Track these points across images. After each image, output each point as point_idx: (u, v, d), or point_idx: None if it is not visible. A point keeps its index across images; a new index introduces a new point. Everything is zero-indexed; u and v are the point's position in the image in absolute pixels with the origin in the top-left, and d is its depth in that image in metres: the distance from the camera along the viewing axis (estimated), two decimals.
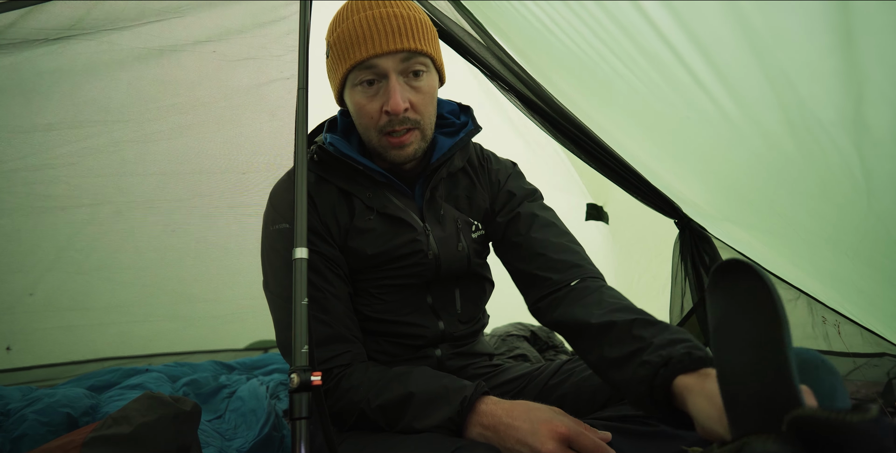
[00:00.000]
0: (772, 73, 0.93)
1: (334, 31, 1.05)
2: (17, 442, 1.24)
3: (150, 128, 1.73)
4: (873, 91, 0.83)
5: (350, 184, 1.11)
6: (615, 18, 1.08)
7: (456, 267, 1.19)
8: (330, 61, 1.07)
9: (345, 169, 1.11)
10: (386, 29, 1.00)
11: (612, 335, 0.91)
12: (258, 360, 2.22)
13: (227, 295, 2.12)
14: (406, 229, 1.13)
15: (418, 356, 1.17)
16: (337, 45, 1.04)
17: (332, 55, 1.06)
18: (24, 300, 1.82)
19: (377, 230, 1.11)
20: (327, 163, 1.12)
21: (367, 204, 1.11)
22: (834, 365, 0.84)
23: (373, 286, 1.14)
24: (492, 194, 1.24)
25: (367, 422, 0.98)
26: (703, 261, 1.43)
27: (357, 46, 1.01)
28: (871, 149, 0.91)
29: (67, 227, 1.78)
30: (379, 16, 1.01)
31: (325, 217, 1.09)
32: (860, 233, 1.08)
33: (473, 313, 1.26)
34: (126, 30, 1.53)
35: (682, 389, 0.74)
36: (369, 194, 1.11)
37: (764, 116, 1.01)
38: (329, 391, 0.98)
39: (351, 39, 1.01)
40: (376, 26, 1.00)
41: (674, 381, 0.76)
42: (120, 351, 2.08)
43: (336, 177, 1.11)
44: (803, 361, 0.82)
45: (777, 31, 0.88)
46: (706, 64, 1.00)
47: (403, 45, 1.00)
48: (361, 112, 1.05)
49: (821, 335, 1.40)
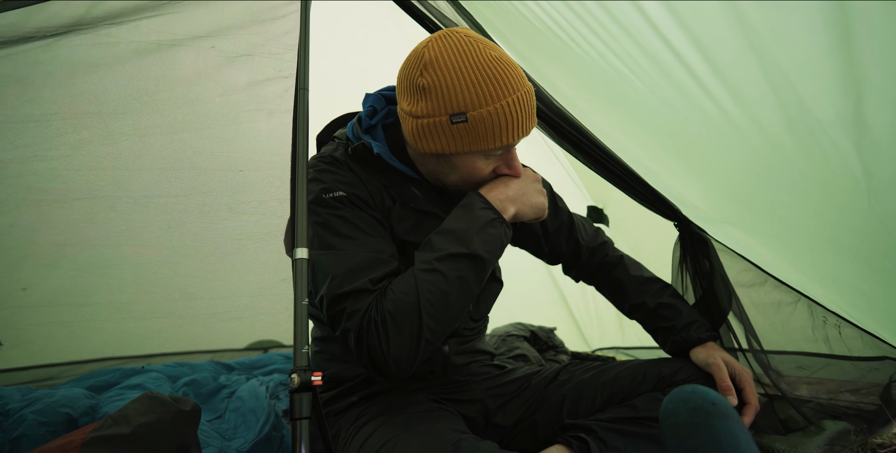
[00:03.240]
0: (771, 73, 0.93)
1: (478, 105, 0.99)
2: (16, 443, 1.24)
3: (146, 121, 1.71)
4: (873, 91, 0.83)
5: (384, 179, 1.15)
6: (615, 18, 1.08)
7: None
8: (462, 128, 1.00)
9: (379, 165, 1.14)
10: (529, 114, 1.03)
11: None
12: (258, 360, 2.21)
13: (226, 293, 2.11)
14: (438, 224, 1.15)
15: None
16: (481, 122, 0.99)
17: (468, 128, 1.00)
18: (16, 294, 1.79)
19: (411, 219, 1.15)
20: (362, 157, 1.14)
21: (402, 199, 1.15)
22: (727, 405, 0.90)
23: None
24: None
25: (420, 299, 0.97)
26: (702, 263, 1.43)
27: (510, 131, 1.01)
28: (871, 150, 0.91)
29: (63, 222, 1.76)
30: (526, 101, 1.02)
31: (373, 195, 1.12)
32: (861, 234, 1.08)
33: (484, 311, 1.30)
34: (124, 24, 1.52)
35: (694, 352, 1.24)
36: (401, 190, 1.15)
37: (764, 116, 1.01)
38: (382, 292, 0.99)
39: (502, 124, 1.00)
40: (524, 112, 1.02)
41: None
42: (118, 350, 2.07)
43: (372, 173, 1.14)
44: (693, 410, 0.87)
45: (777, 31, 0.88)
46: (706, 64, 1.00)
47: (534, 126, 1.06)
48: (474, 174, 1.08)
49: (821, 338, 1.39)
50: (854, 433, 1.24)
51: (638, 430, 1.11)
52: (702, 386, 0.95)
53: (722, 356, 1.18)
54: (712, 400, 0.90)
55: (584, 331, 2.81)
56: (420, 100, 1.02)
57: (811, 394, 1.42)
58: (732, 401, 1.11)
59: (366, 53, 2.41)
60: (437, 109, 1.00)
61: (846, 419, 1.30)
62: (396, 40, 2.33)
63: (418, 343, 0.95)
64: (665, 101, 1.17)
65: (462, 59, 0.99)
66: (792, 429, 1.32)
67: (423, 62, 1.01)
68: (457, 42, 1.01)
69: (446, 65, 0.99)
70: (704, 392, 0.92)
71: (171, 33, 1.58)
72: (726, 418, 0.88)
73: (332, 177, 1.09)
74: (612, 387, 1.20)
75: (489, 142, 1.01)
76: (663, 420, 0.93)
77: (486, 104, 0.98)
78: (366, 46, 2.40)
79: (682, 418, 0.89)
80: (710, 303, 1.38)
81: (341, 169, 1.12)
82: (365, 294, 0.97)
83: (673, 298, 1.33)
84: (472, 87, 0.98)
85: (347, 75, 2.36)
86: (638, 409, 1.14)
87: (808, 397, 1.41)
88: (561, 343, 2.40)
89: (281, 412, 1.63)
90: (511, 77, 1.00)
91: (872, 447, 1.20)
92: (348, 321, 0.97)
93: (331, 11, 2.18)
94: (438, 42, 1.02)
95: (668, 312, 1.30)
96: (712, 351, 1.20)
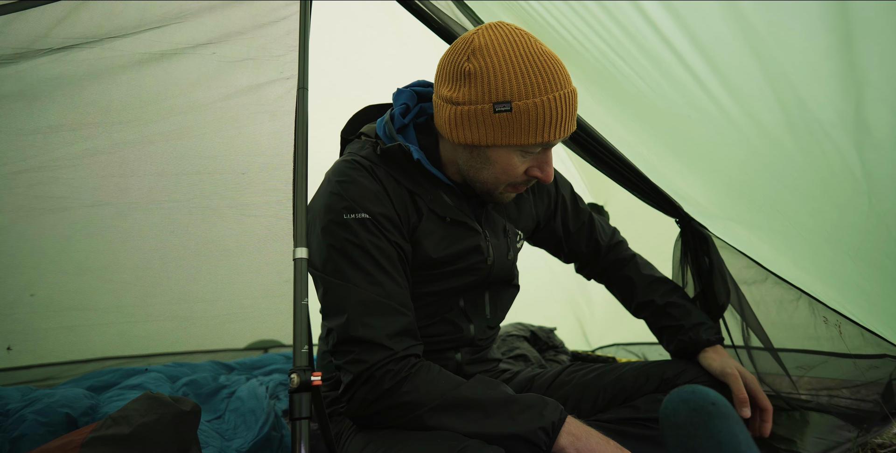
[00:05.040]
0: (772, 74, 0.93)
1: (525, 95, 0.95)
2: (16, 443, 1.24)
3: (150, 129, 1.74)
4: (873, 93, 0.83)
5: (414, 184, 1.09)
6: (615, 18, 1.08)
7: (503, 274, 1.22)
8: (505, 118, 0.96)
9: (408, 167, 1.09)
10: (572, 114, 0.99)
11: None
12: (258, 360, 2.21)
13: (227, 294, 2.12)
14: (470, 233, 1.14)
15: (437, 359, 1.17)
16: (526, 114, 0.95)
17: (511, 119, 0.96)
18: (24, 300, 1.82)
19: (440, 233, 1.11)
20: (392, 159, 1.08)
21: (430, 207, 1.10)
22: (727, 405, 0.89)
23: (418, 284, 1.12)
24: (549, 202, 1.36)
25: (422, 418, 0.96)
26: (703, 260, 1.43)
27: (551, 128, 0.97)
28: (871, 151, 0.91)
29: (68, 228, 1.79)
30: (568, 98, 0.97)
31: (399, 212, 1.07)
32: (861, 233, 1.08)
33: (500, 318, 1.29)
34: (127, 37, 1.55)
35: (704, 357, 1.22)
36: (431, 197, 1.10)
37: (764, 117, 1.01)
38: (406, 379, 0.97)
39: (546, 119, 0.96)
40: (567, 110, 0.97)
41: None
42: (119, 350, 2.08)
43: (400, 175, 1.09)
44: (693, 410, 0.87)
45: (777, 32, 0.88)
46: (707, 65, 1.00)
47: (575, 125, 1.02)
48: (509, 171, 1.04)
49: (823, 336, 1.39)
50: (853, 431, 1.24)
51: (639, 431, 1.11)
52: (702, 387, 0.95)
53: (736, 366, 1.16)
54: (712, 400, 0.90)
55: (586, 328, 2.82)
56: (463, 85, 0.97)
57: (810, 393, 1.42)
58: (745, 413, 1.09)
59: (366, 53, 2.41)
60: (480, 96, 0.96)
61: (846, 418, 1.30)
62: (396, 40, 2.34)
63: (399, 414, 0.97)
64: (666, 99, 1.17)
65: (513, 47, 0.95)
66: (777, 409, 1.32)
67: (472, 47, 0.96)
68: (509, 32, 0.97)
69: (496, 51, 0.95)
70: (704, 392, 0.92)
71: (173, 43, 1.61)
72: (726, 418, 0.88)
73: (357, 192, 1.03)
74: (614, 389, 1.20)
75: (531, 136, 0.96)
76: (663, 420, 0.93)
77: (533, 96, 0.94)
78: (366, 46, 2.40)
79: (682, 418, 0.89)
80: (708, 300, 1.39)
81: (368, 177, 1.05)
82: (378, 348, 0.96)
83: (683, 299, 1.32)
84: (521, 77, 0.94)
85: (347, 75, 2.36)
86: (639, 410, 1.14)
87: (808, 396, 1.41)
88: (561, 343, 2.41)
89: (281, 412, 1.63)
90: (560, 73, 0.96)
91: (872, 447, 1.20)
92: (351, 365, 0.97)
93: (331, 11, 2.18)
94: (490, 30, 0.98)
95: (676, 312, 1.29)
96: (727, 360, 1.18)
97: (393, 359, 0.96)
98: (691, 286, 1.44)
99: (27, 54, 1.44)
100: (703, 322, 1.27)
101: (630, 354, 2.47)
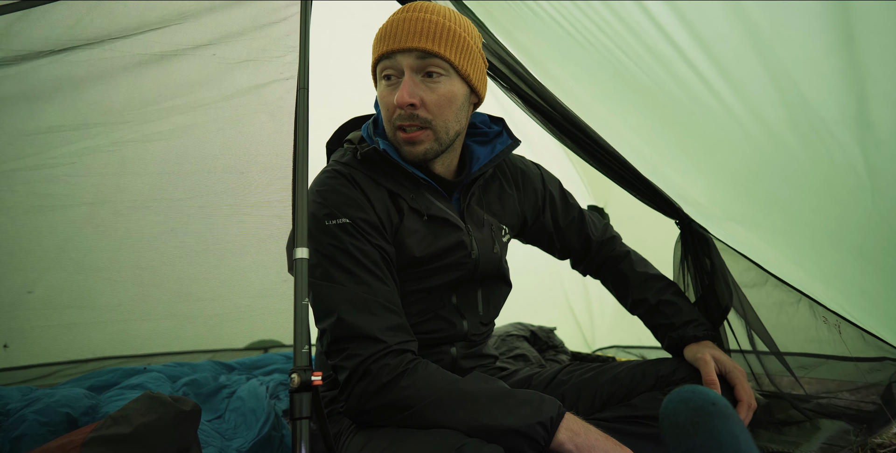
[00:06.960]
0: (774, 71, 0.93)
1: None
2: (16, 443, 1.24)
3: (150, 129, 1.74)
4: (876, 90, 0.83)
5: (395, 184, 1.14)
6: (619, 15, 1.08)
7: (489, 268, 1.23)
8: None
9: (389, 168, 1.14)
10: (409, 28, 1.06)
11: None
12: (258, 360, 2.21)
13: (227, 294, 2.12)
14: (452, 229, 1.17)
15: (433, 353, 1.19)
16: (374, 40, 1.11)
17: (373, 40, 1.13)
18: (22, 298, 1.82)
19: (422, 231, 1.14)
20: (372, 161, 1.14)
21: (412, 205, 1.14)
22: (727, 405, 0.89)
23: (406, 282, 1.15)
24: (536, 198, 1.37)
25: (424, 415, 0.96)
26: (703, 262, 1.43)
27: (383, 41, 1.08)
28: (874, 148, 0.91)
29: (67, 226, 1.79)
30: (411, 18, 1.07)
31: (380, 214, 1.11)
32: (864, 230, 1.08)
33: (493, 315, 1.31)
34: (128, 38, 1.55)
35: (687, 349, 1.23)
36: (412, 195, 1.14)
37: (767, 113, 1.02)
38: (404, 374, 0.97)
39: (381, 34, 1.10)
40: (402, 25, 1.07)
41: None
42: (119, 350, 2.08)
43: (380, 176, 1.14)
44: (693, 410, 0.87)
45: (779, 29, 0.88)
46: (710, 61, 1.00)
47: (418, 44, 1.06)
48: (381, 103, 1.12)
49: (824, 339, 1.39)
50: (854, 433, 1.24)
51: (637, 429, 1.12)
52: (702, 387, 0.95)
53: (712, 352, 1.17)
54: (712, 400, 0.90)
55: (585, 330, 2.82)
56: None
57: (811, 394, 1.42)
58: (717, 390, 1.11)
59: (366, 53, 2.40)
60: None
61: (846, 419, 1.30)
62: None
63: (397, 409, 0.97)
64: (670, 96, 1.17)
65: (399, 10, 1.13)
66: (787, 424, 1.32)
67: None
68: None
69: None
70: (704, 392, 0.92)
71: (173, 44, 1.62)
72: (726, 418, 0.88)
73: (336, 199, 1.07)
74: (611, 387, 1.20)
75: (375, 50, 1.10)
76: (663, 420, 0.93)
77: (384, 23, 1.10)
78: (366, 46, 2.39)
79: (682, 418, 0.89)
80: (710, 302, 1.38)
81: (346, 185, 1.10)
82: (371, 341, 0.98)
83: (675, 296, 1.33)
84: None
85: (347, 75, 2.36)
86: (637, 408, 1.14)
87: (808, 397, 1.41)
88: (561, 343, 2.41)
89: (281, 412, 1.63)
90: (417, 9, 1.08)
91: (872, 447, 1.20)
92: (346, 360, 0.98)
93: (331, 11, 2.18)
94: None
95: (668, 309, 1.30)
96: (702, 348, 1.20)
97: (387, 353, 0.98)
98: (692, 290, 1.43)
99: (29, 56, 1.45)
100: (694, 319, 1.28)
101: (630, 356, 2.47)
